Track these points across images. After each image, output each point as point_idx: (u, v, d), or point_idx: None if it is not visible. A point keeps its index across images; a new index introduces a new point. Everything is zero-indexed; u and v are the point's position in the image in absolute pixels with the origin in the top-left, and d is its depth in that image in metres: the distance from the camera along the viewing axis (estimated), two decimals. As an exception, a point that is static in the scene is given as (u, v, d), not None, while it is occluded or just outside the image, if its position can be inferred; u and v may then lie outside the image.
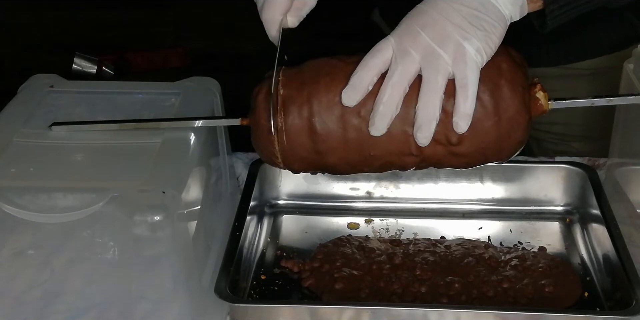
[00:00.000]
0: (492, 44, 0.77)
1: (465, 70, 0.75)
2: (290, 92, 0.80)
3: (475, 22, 0.76)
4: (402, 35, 0.77)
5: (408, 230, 1.03)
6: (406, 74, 0.76)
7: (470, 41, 0.76)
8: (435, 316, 0.84)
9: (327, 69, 0.80)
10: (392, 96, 0.76)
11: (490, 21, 0.77)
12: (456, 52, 0.75)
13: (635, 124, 0.98)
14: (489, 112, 0.77)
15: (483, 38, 0.76)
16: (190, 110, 0.92)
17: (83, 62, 2.44)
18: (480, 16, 0.77)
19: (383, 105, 0.76)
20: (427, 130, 0.77)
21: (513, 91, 0.78)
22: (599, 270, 0.95)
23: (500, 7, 0.78)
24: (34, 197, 0.79)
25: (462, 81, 0.76)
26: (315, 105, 0.79)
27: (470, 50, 0.75)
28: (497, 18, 0.78)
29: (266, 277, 0.96)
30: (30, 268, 0.82)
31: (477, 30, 0.76)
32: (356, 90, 0.77)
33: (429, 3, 0.78)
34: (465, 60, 0.75)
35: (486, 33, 0.76)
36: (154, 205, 0.77)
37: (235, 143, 1.05)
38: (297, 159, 0.82)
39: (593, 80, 1.16)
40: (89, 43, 2.58)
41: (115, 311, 0.83)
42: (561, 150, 1.21)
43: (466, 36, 0.76)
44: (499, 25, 0.78)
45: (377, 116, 0.77)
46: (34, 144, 0.87)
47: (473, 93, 0.76)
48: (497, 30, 0.77)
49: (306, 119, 0.79)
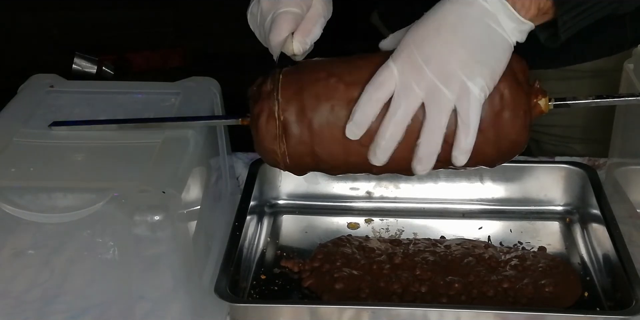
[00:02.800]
0: (497, 78, 0.76)
1: (468, 109, 0.75)
2: (291, 118, 0.79)
3: (480, 58, 0.75)
4: (404, 66, 0.75)
5: (408, 230, 1.03)
6: (409, 111, 0.76)
7: (475, 81, 0.74)
8: (435, 316, 0.84)
9: (328, 94, 0.79)
10: (394, 133, 0.76)
11: (496, 55, 0.75)
12: (460, 91, 0.74)
13: (635, 124, 0.98)
14: (490, 140, 0.78)
15: (488, 75, 0.75)
16: (190, 110, 0.92)
17: (83, 62, 2.44)
18: (486, 51, 0.75)
19: (385, 140, 0.77)
20: (427, 164, 0.77)
21: (515, 117, 0.77)
22: (599, 270, 0.95)
23: (507, 36, 0.76)
24: (34, 197, 0.79)
25: (464, 118, 0.75)
26: (317, 135, 0.79)
27: (475, 90, 0.74)
28: (503, 50, 0.76)
29: (266, 277, 0.96)
30: (30, 268, 0.82)
31: (482, 67, 0.74)
32: (360, 127, 0.77)
33: (429, 26, 0.76)
34: (469, 99, 0.74)
35: (491, 70, 0.75)
36: (154, 205, 0.77)
37: (235, 143, 1.05)
38: (300, 170, 0.84)
39: (593, 82, 1.16)
40: (89, 43, 2.58)
41: (115, 311, 0.83)
42: (561, 151, 1.21)
43: (470, 76, 0.74)
44: (505, 57, 0.76)
45: (378, 150, 0.77)
46: (34, 144, 0.87)
47: (474, 130, 0.75)
48: (502, 63, 0.76)
49: (309, 146, 0.80)
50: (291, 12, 0.84)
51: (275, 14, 0.85)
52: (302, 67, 0.83)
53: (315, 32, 0.86)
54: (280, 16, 0.84)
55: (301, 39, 0.84)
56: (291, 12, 0.84)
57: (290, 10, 0.85)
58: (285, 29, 0.84)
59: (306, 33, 0.85)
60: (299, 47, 0.84)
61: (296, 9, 0.85)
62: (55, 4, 2.65)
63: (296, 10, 0.85)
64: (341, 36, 1.07)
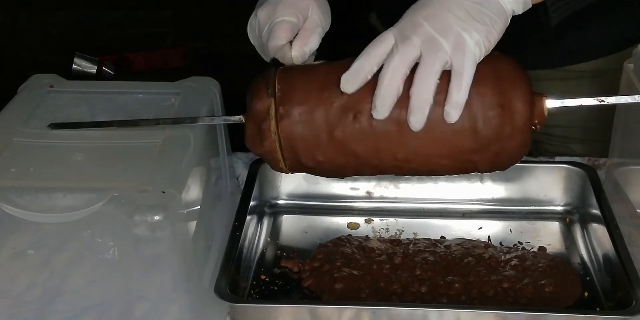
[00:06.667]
0: (492, 38, 0.78)
1: (463, 60, 0.76)
2: (286, 115, 0.80)
3: (476, 16, 0.77)
4: (405, 24, 0.78)
5: (408, 230, 1.03)
6: (406, 57, 0.77)
7: (471, 33, 0.77)
8: (435, 316, 0.84)
9: (323, 93, 0.80)
10: (392, 79, 0.77)
11: (491, 15, 0.78)
12: (456, 42, 0.76)
13: (635, 124, 0.98)
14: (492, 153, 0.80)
15: (483, 32, 0.77)
16: (190, 110, 0.92)
17: (83, 62, 2.44)
18: (482, 10, 0.78)
19: (384, 88, 0.77)
20: (421, 114, 0.77)
21: (519, 154, 0.81)
22: (599, 270, 0.95)
23: (502, 1, 0.79)
24: (34, 197, 0.79)
25: (458, 70, 0.76)
26: (313, 133, 0.80)
27: (470, 42, 0.76)
28: (498, 13, 0.79)
29: (266, 277, 0.96)
30: (30, 268, 0.82)
31: (478, 23, 0.77)
32: (356, 77, 0.78)
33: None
34: (464, 50, 0.76)
35: (487, 27, 0.78)
36: (154, 205, 0.77)
37: (235, 143, 1.05)
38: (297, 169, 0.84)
39: (593, 82, 1.16)
40: (89, 43, 2.58)
41: (115, 311, 0.83)
42: (561, 152, 1.21)
43: (467, 28, 0.77)
44: (500, 20, 0.79)
45: (378, 99, 0.77)
46: (34, 144, 0.87)
47: (467, 84, 0.76)
48: (498, 25, 0.78)
49: (311, 161, 0.81)
50: (288, 21, 0.86)
51: (272, 23, 0.87)
52: (297, 66, 0.84)
53: (313, 42, 0.87)
54: (277, 25, 0.86)
55: (299, 49, 0.86)
56: (288, 21, 0.86)
57: (286, 19, 0.86)
58: (282, 37, 0.86)
59: (304, 42, 0.86)
60: (298, 56, 0.85)
61: (293, 18, 0.86)
62: (55, 4, 2.65)
63: (293, 19, 0.86)
64: (339, 36, 1.07)
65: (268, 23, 0.87)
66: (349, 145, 0.80)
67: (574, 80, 1.16)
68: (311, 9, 0.88)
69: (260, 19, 0.88)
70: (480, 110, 0.78)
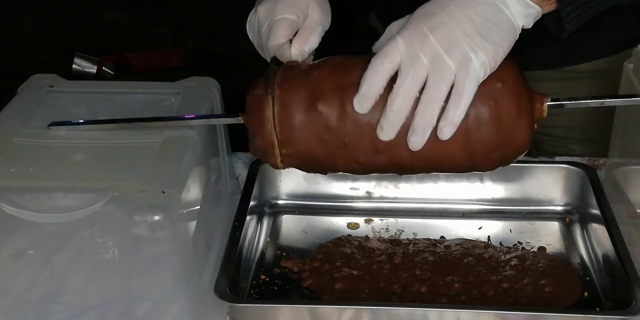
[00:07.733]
0: (499, 58, 0.76)
1: (465, 81, 0.75)
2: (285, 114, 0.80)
3: (485, 34, 0.75)
4: (411, 36, 0.76)
5: (408, 230, 1.03)
6: (417, 81, 0.75)
7: (478, 54, 0.75)
8: (435, 316, 0.84)
9: (322, 92, 0.79)
10: (402, 104, 0.76)
11: (501, 34, 0.76)
12: (461, 61, 0.75)
13: (635, 125, 0.98)
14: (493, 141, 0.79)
15: (491, 52, 0.75)
16: (190, 110, 0.92)
17: (83, 62, 2.43)
18: (491, 28, 0.76)
19: (394, 113, 0.76)
20: (421, 136, 0.77)
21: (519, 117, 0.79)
22: (599, 270, 0.95)
23: (513, 19, 0.77)
24: (34, 197, 0.79)
25: (459, 90, 0.75)
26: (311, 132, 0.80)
27: (476, 63, 0.75)
28: (508, 31, 0.77)
29: (266, 277, 0.96)
30: (30, 268, 0.82)
31: (486, 43, 0.75)
32: (367, 98, 0.77)
33: (438, 4, 0.77)
34: (468, 71, 0.75)
35: (495, 47, 0.76)
36: (154, 205, 0.77)
37: (235, 143, 1.05)
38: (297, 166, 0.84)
39: (593, 83, 1.16)
40: (89, 43, 2.58)
41: (115, 311, 0.83)
42: (560, 152, 1.21)
43: (474, 48, 0.75)
44: (509, 38, 0.77)
45: (386, 123, 0.77)
46: (34, 144, 0.87)
47: (465, 104, 0.75)
48: (506, 44, 0.77)
49: (309, 160, 0.81)
50: (287, 19, 0.86)
51: (272, 21, 0.86)
52: (297, 65, 0.83)
53: (313, 41, 0.86)
54: (277, 23, 0.85)
55: (299, 47, 0.85)
56: (287, 19, 0.86)
57: (286, 17, 0.86)
58: (281, 35, 0.85)
59: (304, 41, 0.85)
60: (297, 55, 0.85)
61: (292, 16, 0.86)
62: (55, 4, 2.65)
63: (292, 17, 0.86)
64: (339, 36, 1.07)
65: (268, 20, 0.86)
66: (346, 142, 0.79)
67: (574, 81, 1.16)
68: (311, 7, 0.87)
69: (260, 16, 0.87)
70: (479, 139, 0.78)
